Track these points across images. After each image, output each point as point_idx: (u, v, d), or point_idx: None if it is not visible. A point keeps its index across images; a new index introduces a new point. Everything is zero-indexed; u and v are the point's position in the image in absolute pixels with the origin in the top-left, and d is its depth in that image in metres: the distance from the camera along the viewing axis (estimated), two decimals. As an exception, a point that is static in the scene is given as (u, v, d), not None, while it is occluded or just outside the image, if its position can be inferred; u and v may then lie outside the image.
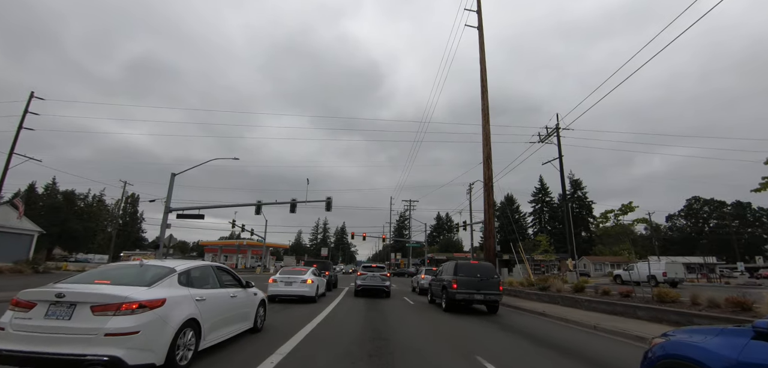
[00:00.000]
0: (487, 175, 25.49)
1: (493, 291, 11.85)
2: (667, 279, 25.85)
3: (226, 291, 5.99)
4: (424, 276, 19.97)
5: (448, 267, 13.14)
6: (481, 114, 27.56)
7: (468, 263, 12.36)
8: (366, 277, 16.83)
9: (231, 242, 69.56)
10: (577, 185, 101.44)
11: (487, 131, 27.10)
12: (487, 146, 26.61)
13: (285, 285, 12.79)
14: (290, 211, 27.91)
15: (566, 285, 17.37)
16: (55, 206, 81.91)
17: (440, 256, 74.68)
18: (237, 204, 29.68)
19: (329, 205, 27.64)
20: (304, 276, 13.10)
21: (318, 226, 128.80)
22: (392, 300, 16.00)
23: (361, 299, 15.87)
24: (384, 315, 11.21)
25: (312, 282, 13.02)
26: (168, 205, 29.03)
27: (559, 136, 35.32)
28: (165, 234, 29.40)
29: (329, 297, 16.62)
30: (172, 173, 29.58)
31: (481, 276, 11.96)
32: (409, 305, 14.42)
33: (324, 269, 19.85)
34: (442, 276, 13.63)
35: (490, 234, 24.67)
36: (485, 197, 25.78)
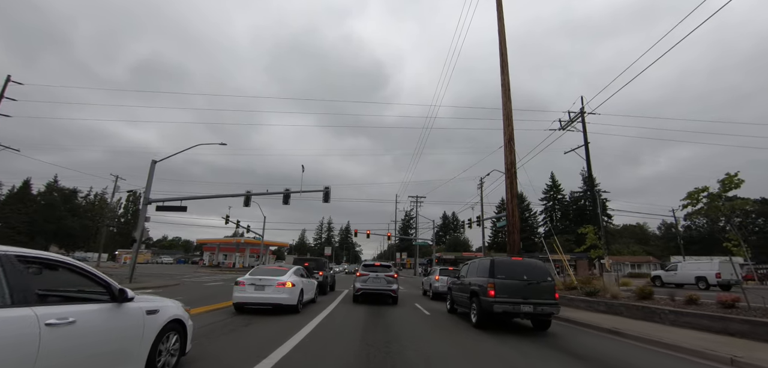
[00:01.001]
0: (509, 160, 21.81)
1: (546, 299, 8.33)
2: (721, 282, 22.05)
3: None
4: (439, 277, 16.46)
5: (478, 266, 9.62)
6: (501, 91, 23.83)
7: (509, 261, 8.83)
8: (368, 279, 13.36)
9: (228, 240, 66.52)
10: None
11: (509, 110, 23.37)
12: (509, 126, 22.89)
13: (255, 289, 9.38)
14: (283, 202, 24.59)
15: (620, 289, 13.76)
16: (52, 203, 79.76)
17: (448, 255, 71.07)
18: (224, 195, 26.45)
19: (327, 196, 24.25)
20: (283, 276, 9.68)
21: (322, 225, 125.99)
22: (400, 308, 12.54)
23: (361, 307, 12.43)
24: (391, 333, 7.76)
25: (292, 286, 9.59)
26: (147, 196, 25.84)
27: (584, 121, 31.58)
28: (145, 228, 26.29)
29: (322, 303, 13.20)
30: (152, 160, 26.41)
31: (529, 278, 8.44)
32: (423, 316, 10.94)
33: (317, 269, 16.44)
34: (467, 277, 10.14)
35: (514, 228, 20.91)
36: (507, 185, 22.02)
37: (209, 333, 7.05)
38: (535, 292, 8.33)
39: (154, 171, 26.13)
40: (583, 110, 30.68)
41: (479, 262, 9.68)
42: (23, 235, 73.98)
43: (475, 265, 9.97)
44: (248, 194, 25.09)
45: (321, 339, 6.98)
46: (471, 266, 10.33)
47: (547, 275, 8.69)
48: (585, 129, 31.92)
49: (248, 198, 25.10)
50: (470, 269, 10.30)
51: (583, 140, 32.27)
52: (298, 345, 6.32)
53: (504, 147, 22.94)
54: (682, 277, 24.73)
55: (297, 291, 9.81)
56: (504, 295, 8.18)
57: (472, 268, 10.09)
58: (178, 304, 4.83)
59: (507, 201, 21.87)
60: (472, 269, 10.14)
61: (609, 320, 10.28)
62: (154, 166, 26.29)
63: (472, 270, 10.07)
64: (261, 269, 10.35)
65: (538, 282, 8.43)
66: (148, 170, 26.15)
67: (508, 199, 21.45)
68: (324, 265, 17.07)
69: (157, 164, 24.73)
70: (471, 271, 10.13)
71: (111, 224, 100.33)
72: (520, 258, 9.10)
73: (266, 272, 10.03)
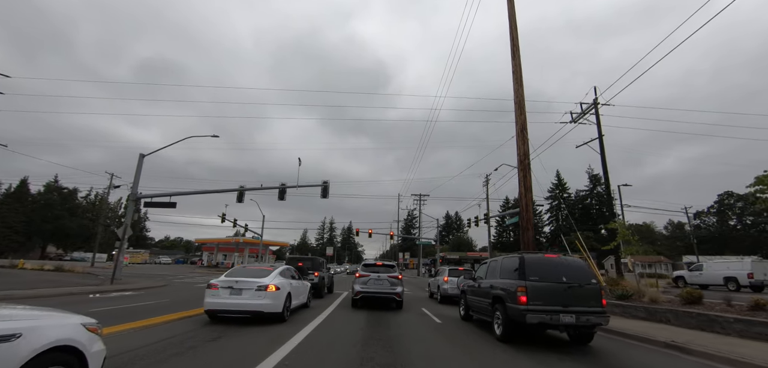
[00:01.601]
0: (522, 151, 20.08)
1: (591, 307, 6.63)
2: (754, 282, 20.22)
3: None
4: (448, 278, 14.77)
5: (501, 266, 7.91)
6: (513, 77, 22.07)
7: (543, 259, 7.09)
8: (368, 281, 11.67)
9: (227, 240, 65.00)
10: (597, 181, 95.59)
11: (521, 97, 21.58)
12: (521, 115, 21.14)
13: (231, 293, 7.72)
14: (279, 197, 22.97)
15: (659, 292, 12.03)
16: (49, 203, 78.59)
17: (452, 255, 69.30)
18: (216, 190, 24.83)
19: (325, 191, 22.62)
20: (265, 278, 8.01)
21: (324, 225, 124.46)
22: (406, 315, 10.87)
23: (360, 313, 10.77)
24: (397, 350, 6.12)
25: (276, 289, 7.93)
26: (135, 191, 24.30)
27: (598, 112, 29.84)
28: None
29: (317, 307, 11.57)
30: (140, 153, 24.88)
31: (570, 279, 6.75)
32: (433, 326, 9.26)
33: (312, 269, 14.78)
34: (487, 279, 8.45)
35: (528, 224, 19.11)
36: (520, 178, 20.24)
37: (158, 352, 5.41)
38: (578, 298, 6.63)
39: (143, 165, 24.61)
40: (596, 101, 28.90)
41: (503, 261, 7.96)
42: (20, 235, 72.86)
43: (496, 265, 8.26)
44: (242, 188, 23.49)
45: (307, 360, 5.32)
46: (491, 266, 8.61)
47: (591, 276, 6.99)
48: (599, 121, 30.13)
49: (242, 194, 23.49)
50: (490, 269, 8.59)
51: (597, 133, 30.47)
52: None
53: (516, 137, 21.18)
54: (709, 278, 22.89)
55: (282, 295, 8.13)
56: (539, 302, 6.48)
57: (493, 268, 8.39)
58: (78, 321, 3.19)
59: (520, 195, 20.11)
60: (492, 269, 8.44)
61: (657, 330, 8.56)
62: (142, 160, 24.76)
63: (493, 271, 8.37)
64: (240, 270, 8.68)
65: (580, 285, 6.73)
66: (136, 164, 24.64)
67: (522, 193, 19.70)
68: (320, 265, 15.40)
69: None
70: (492, 272, 8.42)
71: (111, 223, 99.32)
72: (554, 256, 7.39)
73: (246, 272, 8.36)
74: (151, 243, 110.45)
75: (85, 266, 37.72)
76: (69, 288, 15.46)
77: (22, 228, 72.68)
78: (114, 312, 9.52)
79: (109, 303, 11.30)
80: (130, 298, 13.13)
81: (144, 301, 12.16)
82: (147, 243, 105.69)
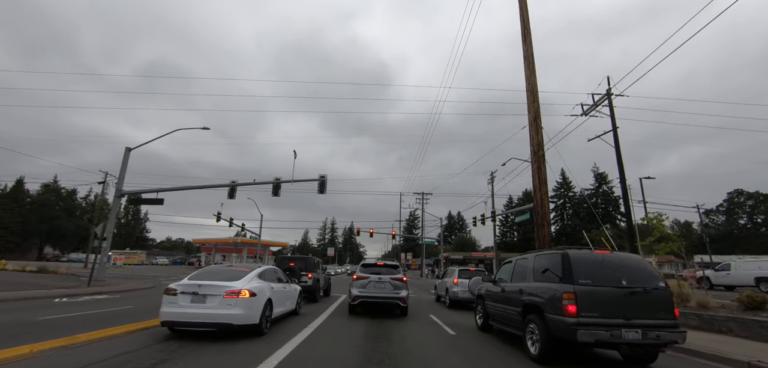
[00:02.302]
0: (535, 141, 18.40)
1: (660, 318, 4.99)
2: (790, 283, 18.49)
3: None
4: (459, 280, 13.12)
5: (534, 265, 6.23)
6: (524, 63, 20.34)
7: (594, 256, 5.38)
8: (368, 283, 10.03)
9: (225, 240, 63.51)
10: (603, 179, 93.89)
11: (533, 83, 19.86)
12: (534, 102, 19.44)
13: (192, 301, 6.06)
14: (273, 193, 21.40)
15: (707, 296, 10.35)
16: (45, 203, 77.34)
17: (456, 255, 67.57)
18: (206, 186, 23.29)
19: (323, 186, 21.03)
20: (236, 282, 6.35)
21: (325, 226, 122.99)
22: (412, 323, 9.26)
23: (358, 321, 9.16)
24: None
25: (250, 296, 6.29)
26: (120, 188, 22.79)
27: (612, 103, 28.15)
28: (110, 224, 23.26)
29: (308, 314, 9.97)
30: (126, 147, 23.38)
31: (631, 282, 5.10)
32: (446, 338, 7.63)
33: (305, 270, 13.16)
34: (513, 283, 6.81)
35: (544, 220, 17.36)
36: (535, 170, 18.54)
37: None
38: (644, 307, 4.99)
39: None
40: (609, 92, 27.21)
41: (535, 260, 6.30)
42: (16, 235, 71.62)
43: (526, 264, 6.59)
44: (233, 184, 21.92)
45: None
46: (518, 266, 6.94)
47: (657, 278, 5.33)
48: (612, 112, 28.42)
49: (233, 190, 21.93)
50: (517, 270, 6.93)
51: (611, 125, 28.77)
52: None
53: (529, 126, 19.50)
54: (738, 278, 21.15)
55: (259, 302, 6.50)
56: (593, 313, 4.84)
57: (521, 269, 6.74)
58: None
59: (534, 189, 18.41)
60: (520, 270, 6.78)
61: (724, 343, 6.90)
62: (128, 154, 23.25)
63: (521, 272, 6.72)
64: (209, 271, 7.04)
65: (645, 290, 5.08)
66: (122, 159, 23.13)
67: (536, 186, 18.01)
68: (314, 265, 13.74)
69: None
70: (519, 273, 6.77)
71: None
72: (605, 251, 5.71)
73: (215, 274, 6.74)
74: (151, 244, 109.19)
75: (79, 267, 36.26)
76: (37, 290, 13.96)
77: (18, 229, 71.44)
78: (66, 321, 7.97)
79: (70, 309, 9.79)
80: (99, 303, 11.59)
81: (110, 307, 10.59)
82: (147, 244, 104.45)
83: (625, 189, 28.30)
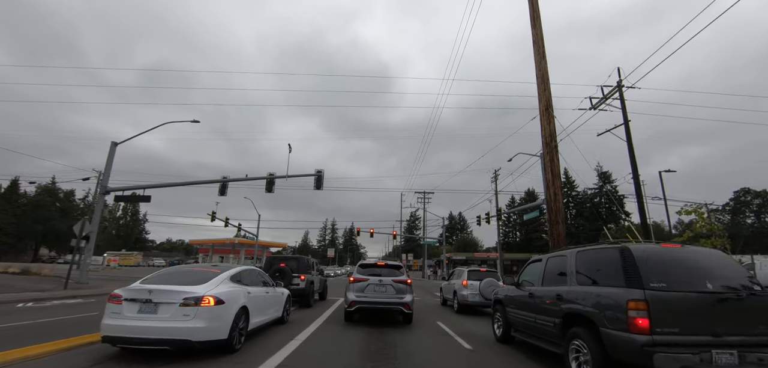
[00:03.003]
0: (548, 131, 17.08)
1: (761, 332, 3.68)
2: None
3: None
4: (468, 282, 11.79)
5: (577, 263, 4.89)
6: (534, 49, 19.00)
7: (662, 251, 4.08)
8: (366, 287, 8.68)
9: (222, 241, 62.21)
10: (606, 178, 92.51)
11: (544, 70, 18.54)
12: (545, 90, 18.11)
13: (140, 311, 4.74)
14: (266, 189, 20.12)
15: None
16: (39, 204, 76.07)
17: (458, 256, 66.19)
18: (196, 182, 22.02)
19: (319, 181, 19.74)
20: (197, 287, 5.00)
21: (326, 227, 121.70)
22: (417, 333, 7.98)
23: (354, 331, 7.86)
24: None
25: (216, 304, 4.92)
26: (105, 184, 21.52)
27: (622, 95, 26.79)
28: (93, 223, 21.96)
29: (297, 323, 8.69)
30: (112, 141, 22.14)
31: (718, 285, 3.78)
32: (462, 353, 6.35)
33: (297, 272, 11.83)
34: (546, 286, 5.50)
35: (558, 216, 16.00)
36: (547, 162, 17.20)
37: None
38: (738, 319, 3.68)
39: (114, 155, 21.82)
40: (620, 84, 25.86)
41: (579, 257, 4.90)
42: (10, 236, 70.38)
43: (563, 263, 5.23)
44: (224, 179, 20.64)
45: None
46: (551, 265, 5.59)
47: (751, 280, 4.02)
48: (624, 105, 27.07)
49: (225, 186, 20.64)
50: (550, 269, 5.59)
51: (623, 118, 27.40)
52: None
53: (540, 116, 18.17)
54: (764, 277, 19.85)
55: (228, 313, 5.16)
56: (672, 328, 3.54)
57: (556, 269, 5.40)
58: None
59: (546, 183, 17.08)
60: (554, 269, 5.44)
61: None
62: (114, 149, 21.99)
63: (555, 272, 5.38)
64: (166, 274, 5.70)
65: (738, 296, 3.78)
66: (107, 154, 21.87)
67: (549, 180, 16.67)
68: (308, 266, 12.40)
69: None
70: (553, 274, 5.44)
71: (110, 226, 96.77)
72: (677, 245, 4.38)
73: (173, 277, 5.42)
74: (151, 246, 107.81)
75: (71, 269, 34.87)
76: (6, 294, 12.73)
77: (12, 230, 70.15)
78: (10, 331, 6.71)
79: (28, 316, 8.63)
80: (66, 309, 10.40)
81: (75, 314, 9.36)
82: (147, 246, 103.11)
83: (639, 185, 26.92)
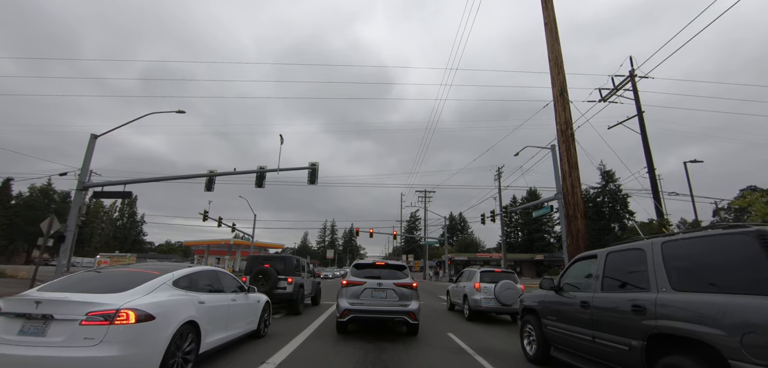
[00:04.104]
0: (562, 118, 15.59)
1: None
2: None
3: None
4: (481, 284, 10.21)
5: (670, 258, 3.28)
6: (546, 31, 17.52)
7: None
8: (363, 291, 7.02)
9: (218, 242, 60.66)
10: (610, 177, 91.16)
11: (557, 53, 17.04)
12: (559, 74, 16.61)
13: (22, 330, 3.12)
14: (256, 184, 18.60)
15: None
16: (32, 205, 74.46)
17: (460, 257, 64.64)
18: (182, 176, 20.48)
19: (314, 174, 18.21)
20: (114, 297, 3.41)
21: (325, 228, 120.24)
22: (426, 349, 6.48)
23: (349, 346, 6.32)
24: None
25: (134, 321, 3.30)
26: (83, 180, 19.98)
27: (635, 86, 25.25)
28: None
29: (275, 337, 7.17)
30: (91, 134, 20.61)
31: None
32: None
33: (284, 274, 10.25)
34: (614, 294, 3.92)
35: (577, 211, 14.43)
36: (563, 152, 15.69)
37: None
38: None
39: (93, 147, 20.28)
40: (633, 73, 24.32)
41: (667, 249, 3.33)
42: (2, 238, 68.83)
43: (636, 259, 3.65)
44: (211, 173, 19.09)
45: None
46: (614, 262, 4.01)
47: None
48: (637, 95, 25.53)
49: (211, 180, 19.09)
50: (612, 268, 4.03)
51: (636, 109, 25.84)
52: None
53: (554, 102, 16.62)
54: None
55: (159, 334, 3.52)
56: None
57: (625, 266, 3.85)
58: None
59: (563, 174, 15.49)
60: (621, 268, 3.89)
61: None
62: (93, 142, 20.46)
63: (622, 272, 3.84)
64: (83, 278, 4.07)
65: None
66: (86, 147, 20.33)
67: (565, 171, 15.10)
68: (297, 267, 10.80)
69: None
70: (617, 275, 3.90)
71: (106, 227, 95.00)
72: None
73: (87, 282, 3.85)
74: (148, 247, 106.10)
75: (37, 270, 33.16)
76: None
77: (4, 232, 68.59)
78: None
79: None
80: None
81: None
82: (144, 247, 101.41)
83: (654, 179, 25.32)
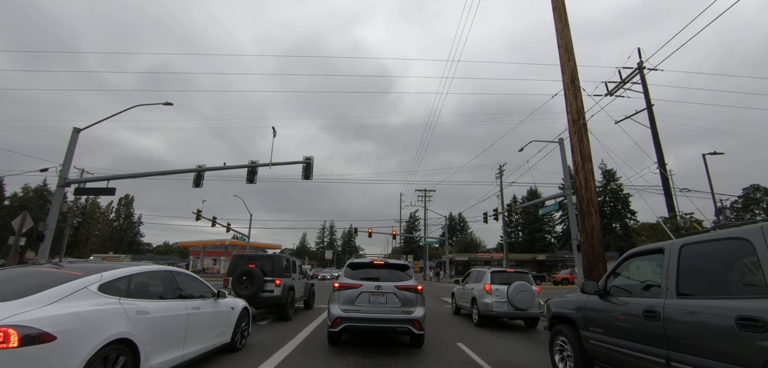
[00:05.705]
0: (574, 107, 14.41)
1: None
2: None
3: None
4: (492, 286, 9.13)
5: None
6: (554, 15, 16.31)
7: None
8: (358, 295, 5.86)
9: (214, 243, 59.51)
10: (611, 176, 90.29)
11: (567, 38, 15.84)
12: (569, 60, 15.42)
13: None
14: (247, 180, 17.53)
15: None
16: (25, 205, 73.11)
17: (461, 257, 63.65)
18: (168, 172, 19.37)
19: (308, 169, 17.13)
20: (3, 307, 2.42)
21: (324, 228, 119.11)
22: (432, 362, 5.30)
23: (342, 360, 5.24)
24: None
25: (17, 344, 2.14)
26: (64, 175, 18.86)
27: (644, 79, 24.37)
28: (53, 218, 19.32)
29: (254, 351, 6.16)
30: (74, 127, 19.47)
31: None
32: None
33: (272, 275, 9.15)
34: (695, 301, 2.86)
35: (591, 206, 13.24)
36: (575, 143, 14.46)
37: None
38: None
39: (76, 141, 19.18)
40: (641, 65, 23.37)
41: None
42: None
43: (742, 249, 2.60)
44: (200, 168, 18.01)
45: None
46: (694, 255, 2.97)
47: None
48: (646, 88, 24.66)
49: (200, 176, 18.01)
50: (692, 265, 2.98)
51: (645, 103, 24.95)
52: None
53: (564, 91, 15.44)
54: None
55: (62, 360, 2.54)
56: None
57: (711, 261, 2.81)
58: None
59: (575, 167, 14.35)
60: (704, 266, 2.85)
61: None
62: (76, 136, 19.32)
63: (707, 271, 2.79)
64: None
65: None
66: (68, 141, 19.22)
67: (578, 163, 13.97)
68: (286, 268, 9.68)
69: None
70: (702, 275, 2.85)
71: (103, 227, 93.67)
72: None
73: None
74: (146, 249, 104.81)
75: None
76: None
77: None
78: None
79: None
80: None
81: None
82: (142, 248, 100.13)
83: (665, 174, 24.40)
